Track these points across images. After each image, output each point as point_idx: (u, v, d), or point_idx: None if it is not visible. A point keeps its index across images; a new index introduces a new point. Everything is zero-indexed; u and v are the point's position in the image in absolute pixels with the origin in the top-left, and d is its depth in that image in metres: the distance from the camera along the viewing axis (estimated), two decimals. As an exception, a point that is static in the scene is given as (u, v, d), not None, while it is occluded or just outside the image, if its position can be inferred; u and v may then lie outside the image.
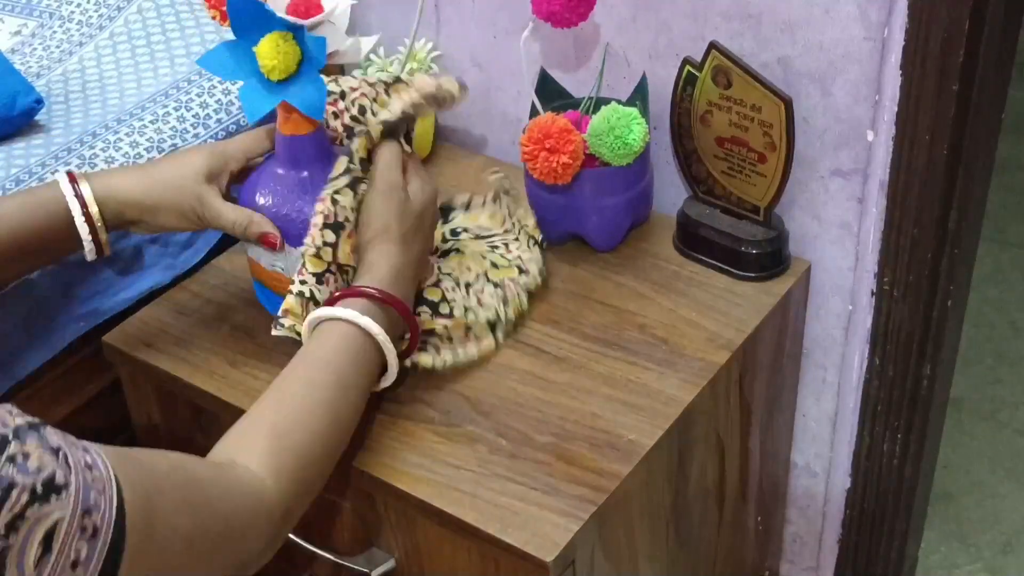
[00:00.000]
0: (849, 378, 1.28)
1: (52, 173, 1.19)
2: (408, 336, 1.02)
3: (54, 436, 0.68)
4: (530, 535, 0.93)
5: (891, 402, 1.25)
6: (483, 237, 1.19)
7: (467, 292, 1.11)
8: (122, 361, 1.16)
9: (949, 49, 1.02)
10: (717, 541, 1.25)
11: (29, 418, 0.68)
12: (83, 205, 1.00)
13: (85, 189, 1.01)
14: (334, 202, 1.01)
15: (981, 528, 1.73)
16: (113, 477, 0.68)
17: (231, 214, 1.04)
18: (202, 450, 1.17)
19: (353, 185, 1.03)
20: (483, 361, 1.09)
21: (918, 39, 1.03)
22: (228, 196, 1.07)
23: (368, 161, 1.04)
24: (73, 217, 1.00)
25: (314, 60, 0.99)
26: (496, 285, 1.13)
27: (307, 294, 1.01)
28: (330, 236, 1.01)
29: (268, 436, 0.86)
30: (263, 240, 1.05)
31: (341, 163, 1.03)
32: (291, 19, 0.99)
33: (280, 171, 1.07)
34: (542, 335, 1.12)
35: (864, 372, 1.26)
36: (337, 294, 0.98)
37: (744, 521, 1.31)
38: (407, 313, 0.99)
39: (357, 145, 1.03)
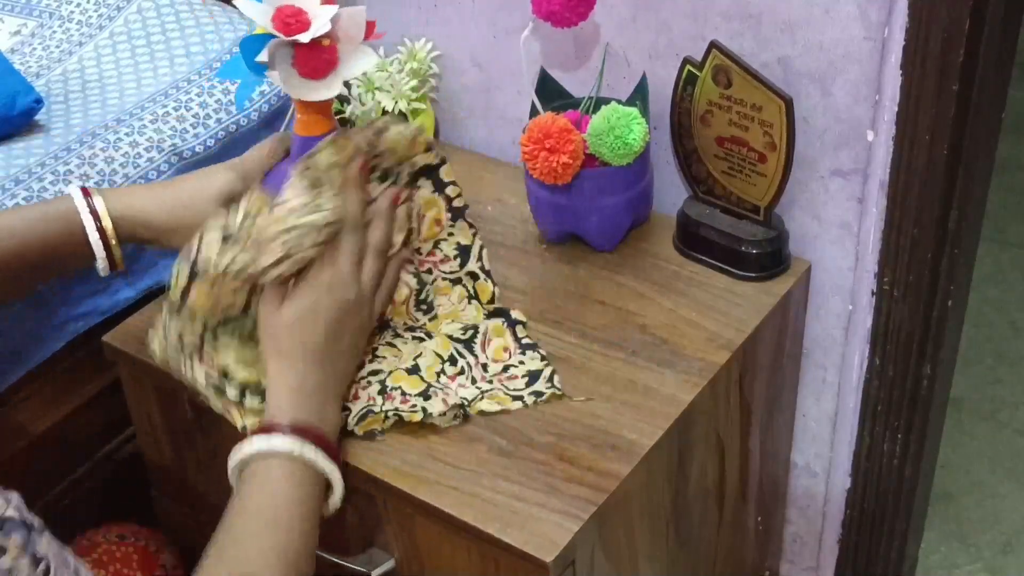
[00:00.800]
0: (849, 378, 1.28)
1: (52, 173, 1.19)
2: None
3: (47, 546, 0.64)
4: (530, 535, 0.93)
5: (891, 402, 1.25)
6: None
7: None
8: (122, 361, 1.16)
9: (949, 49, 1.02)
10: (717, 541, 1.25)
11: (28, 516, 0.64)
12: (97, 219, 1.00)
13: (99, 203, 1.00)
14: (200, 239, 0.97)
15: (981, 528, 1.73)
16: None
17: (246, 252, 1.02)
18: (200, 451, 1.17)
19: (225, 239, 0.96)
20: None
21: (918, 39, 1.03)
22: None
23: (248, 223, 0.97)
24: (87, 231, 0.99)
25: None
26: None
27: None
28: (184, 271, 0.97)
29: None
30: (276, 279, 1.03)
31: (305, 178, 0.96)
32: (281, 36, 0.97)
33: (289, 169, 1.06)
34: (542, 335, 1.12)
35: (864, 372, 1.25)
36: (254, 429, 0.93)
37: (744, 521, 1.31)
38: (328, 446, 0.93)
39: (328, 156, 0.97)
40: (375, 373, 1.04)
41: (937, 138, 1.06)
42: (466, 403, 1.02)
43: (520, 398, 1.04)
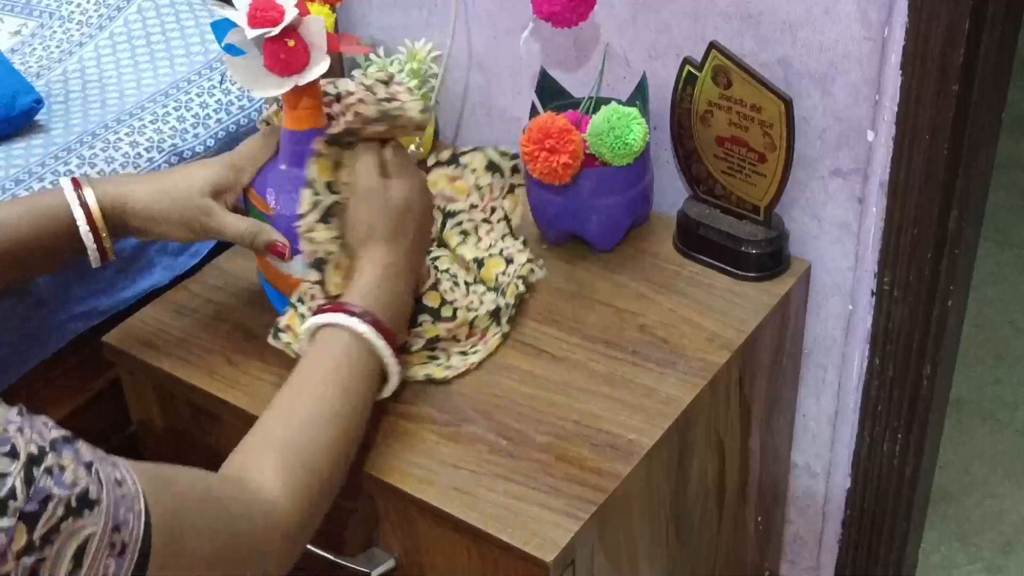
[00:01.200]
0: (849, 378, 1.28)
1: (52, 173, 1.19)
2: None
3: (87, 451, 0.67)
4: (530, 535, 0.93)
5: (891, 402, 1.25)
6: (450, 214, 1.17)
7: (466, 290, 1.11)
8: (122, 361, 1.16)
9: (949, 49, 1.02)
10: (717, 541, 1.25)
11: (64, 432, 0.67)
12: (87, 212, 1.00)
13: (89, 195, 1.00)
14: (310, 241, 1.01)
15: (981, 528, 1.73)
16: (141, 494, 0.69)
17: (239, 225, 1.04)
18: (202, 450, 1.17)
19: (325, 218, 1.01)
20: (489, 359, 1.09)
21: (918, 39, 1.03)
22: (237, 208, 1.07)
23: (334, 180, 1.03)
24: (77, 224, 1.00)
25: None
26: (489, 288, 1.13)
27: (306, 315, 1.01)
28: (314, 275, 1.02)
29: (278, 453, 0.86)
30: (271, 250, 1.05)
31: (306, 198, 1.02)
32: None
33: (283, 168, 1.06)
34: (542, 335, 1.12)
35: (864, 372, 1.25)
36: (329, 305, 0.97)
37: (744, 521, 1.31)
38: (390, 337, 0.97)
39: (314, 171, 1.02)
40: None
41: (937, 138, 1.06)
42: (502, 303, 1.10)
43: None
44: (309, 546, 1.07)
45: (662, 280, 1.19)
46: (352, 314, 0.94)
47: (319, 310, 0.97)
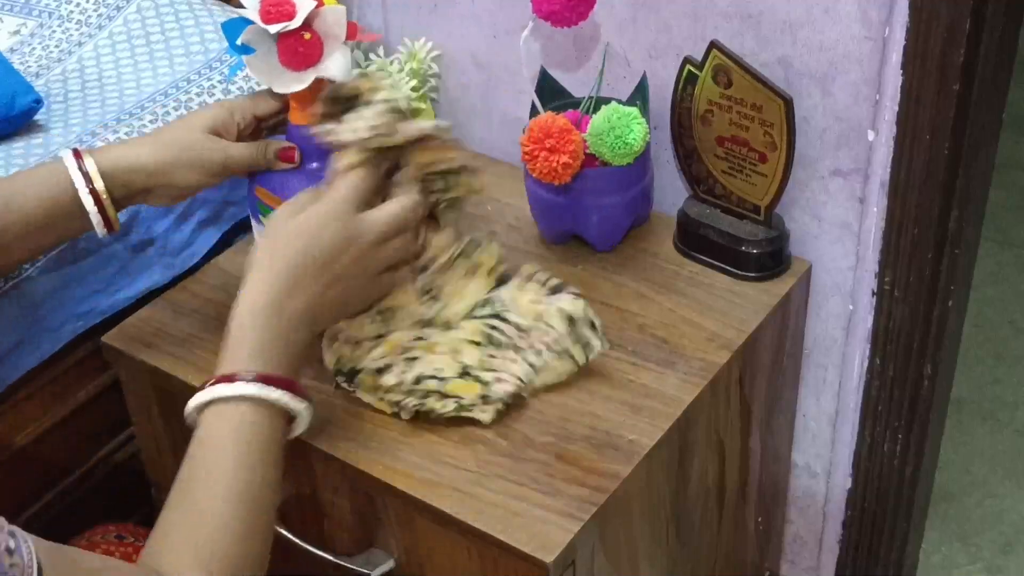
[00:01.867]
0: (849, 378, 1.27)
1: (51, 173, 1.18)
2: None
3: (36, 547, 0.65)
4: (530, 535, 0.93)
5: (891, 402, 1.25)
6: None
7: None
8: (122, 361, 1.16)
9: (949, 49, 1.02)
10: (717, 541, 1.25)
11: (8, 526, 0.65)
12: (88, 180, 0.99)
13: (89, 164, 0.99)
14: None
15: (982, 528, 1.73)
16: (36, 565, 0.66)
17: (246, 149, 1.03)
18: (202, 450, 1.17)
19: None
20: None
21: (919, 39, 1.03)
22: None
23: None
24: (79, 192, 0.99)
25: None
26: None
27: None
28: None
29: (190, 549, 0.80)
30: (283, 157, 1.03)
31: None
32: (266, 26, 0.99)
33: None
34: (542, 335, 1.12)
35: (864, 372, 1.25)
36: (214, 377, 0.87)
37: (744, 521, 1.31)
38: (283, 383, 0.88)
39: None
40: (418, 376, 1.00)
41: (937, 138, 1.06)
42: (522, 384, 1.01)
43: (568, 354, 1.03)
44: (309, 546, 1.07)
45: (662, 280, 1.18)
46: (232, 380, 0.85)
47: (201, 386, 0.87)
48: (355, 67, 1.36)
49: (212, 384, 0.86)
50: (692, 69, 1.14)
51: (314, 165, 1.06)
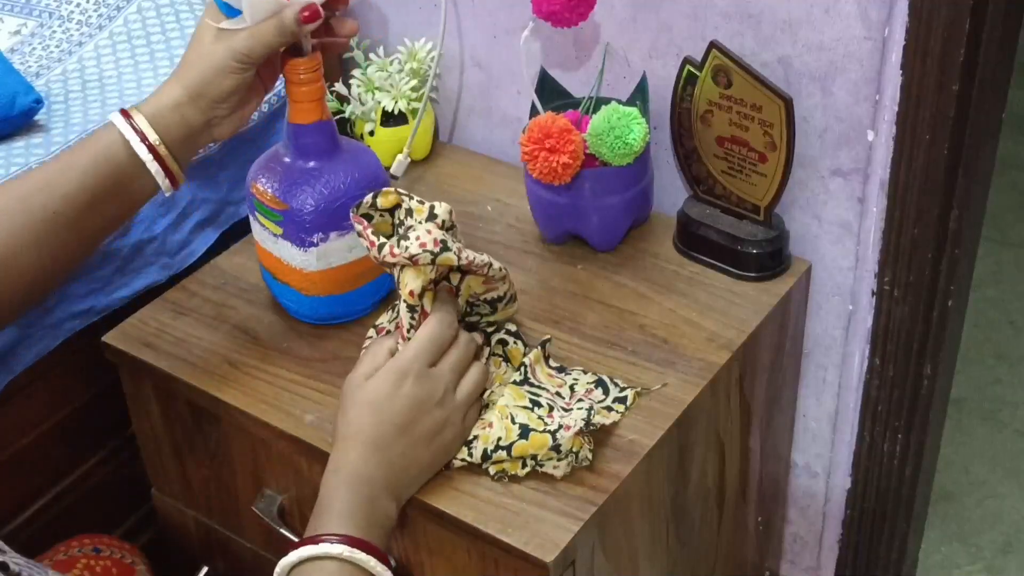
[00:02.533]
0: (849, 378, 1.27)
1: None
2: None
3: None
4: (530, 535, 0.93)
5: (891, 402, 1.25)
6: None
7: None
8: (122, 361, 1.16)
9: (949, 49, 1.02)
10: (717, 541, 1.25)
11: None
12: (143, 137, 0.96)
13: (140, 121, 0.97)
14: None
15: (981, 528, 1.73)
16: None
17: (265, 27, 0.95)
18: (200, 451, 1.17)
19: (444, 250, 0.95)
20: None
21: (919, 38, 1.03)
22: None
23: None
24: (136, 151, 0.96)
25: None
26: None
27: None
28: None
29: None
30: (304, 20, 0.96)
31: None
32: None
33: (287, 159, 1.06)
34: (542, 335, 1.12)
35: (864, 372, 1.25)
36: (304, 538, 0.89)
37: (744, 521, 1.31)
38: (375, 552, 0.88)
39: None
40: (483, 452, 0.98)
41: (937, 138, 1.06)
42: (584, 421, 0.97)
43: (612, 408, 1.02)
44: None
45: (662, 280, 1.18)
46: (317, 542, 0.87)
47: (291, 545, 0.89)
48: (355, 67, 1.36)
49: (300, 546, 0.87)
50: (692, 69, 1.14)
51: (312, 164, 1.06)
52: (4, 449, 1.18)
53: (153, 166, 0.97)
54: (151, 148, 0.97)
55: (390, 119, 1.34)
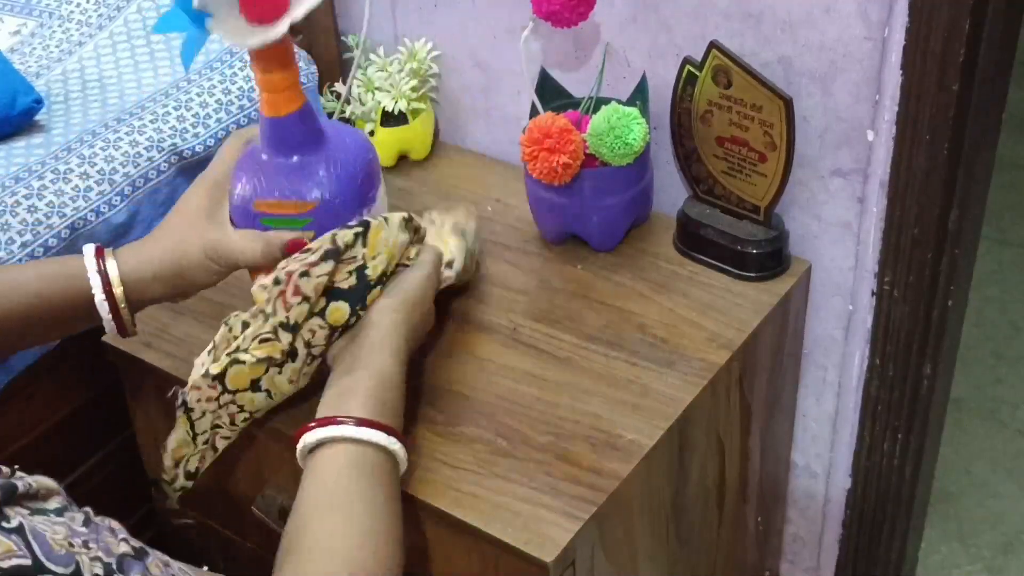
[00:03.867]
0: (849, 378, 1.28)
1: (52, 172, 1.18)
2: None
3: (158, 568, 0.66)
4: (530, 535, 0.93)
5: (891, 402, 1.25)
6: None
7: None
8: (122, 361, 1.16)
9: (949, 48, 1.02)
10: (717, 541, 1.25)
11: (134, 544, 0.66)
12: (106, 283, 0.97)
13: (111, 265, 0.97)
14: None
15: (981, 528, 1.73)
16: None
17: (253, 245, 0.99)
18: (202, 450, 1.17)
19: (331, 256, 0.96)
20: (489, 360, 1.09)
21: (918, 38, 1.03)
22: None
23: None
24: (93, 292, 0.96)
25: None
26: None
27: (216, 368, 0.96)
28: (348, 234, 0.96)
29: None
30: (292, 249, 0.98)
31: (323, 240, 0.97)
32: None
33: (264, 157, 1.01)
34: (542, 335, 1.12)
35: (864, 372, 1.25)
36: (319, 418, 0.91)
37: (744, 521, 1.31)
38: (392, 432, 0.92)
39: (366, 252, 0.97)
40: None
41: (937, 138, 1.06)
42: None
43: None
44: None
45: (662, 280, 1.19)
46: (346, 423, 0.90)
47: (304, 428, 0.91)
48: (356, 69, 1.36)
49: (317, 427, 0.90)
50: (692, 69, 1.14)
51: (294, 159, 1.00)
52: (4, 449, 1.18)
53: (106, 315, 0.98)
54: (110, 295, 0.97)
55: (390, 119, 1.34)
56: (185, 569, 0.68)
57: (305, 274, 0.95)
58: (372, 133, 1.34)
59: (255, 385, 0.98)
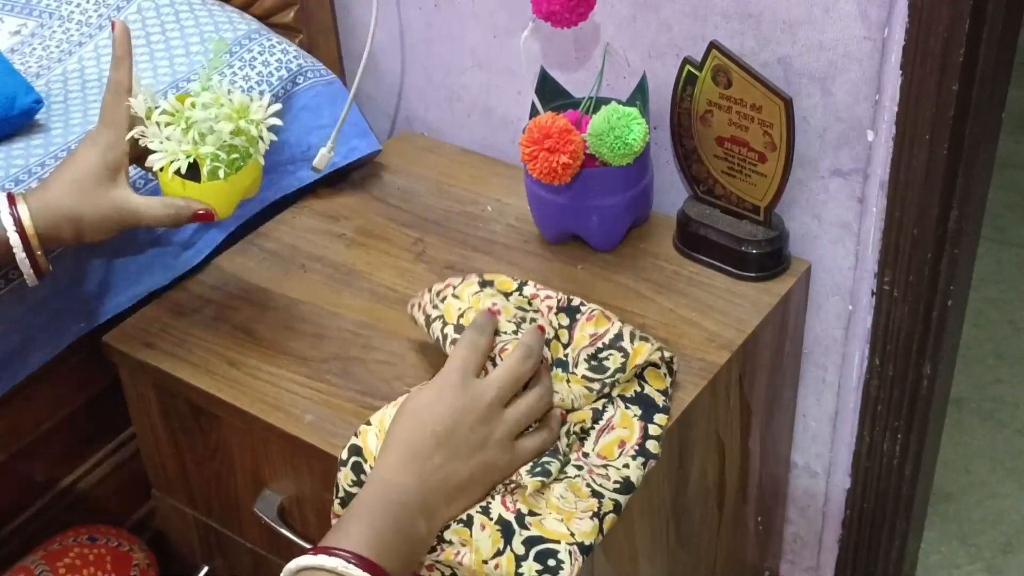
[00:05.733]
0: (849, 378, 1.28)
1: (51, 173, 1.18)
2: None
3: None
4: (530, 535, 0.92)
5: (891, 402, 1.25)
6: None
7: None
8: (122, 361, 1.16)
9: (949, 49, 1.02)
10: (717, 541, 1.25)
11: None
12: (20, 228, 0.98)
13: (23, 211, 0.99)
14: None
15: (981, 528, 1.73)
16: None
17: (159, 211, 1.01)
18: (200, 451, 1.17)
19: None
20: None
21: (918, 38, 1.03)
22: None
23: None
24: (10, 241, 0.98)
25: None
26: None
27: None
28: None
29: None
30: (201, 219, 1.02)
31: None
32: None
33: None
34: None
35: (864, 372, 1.25)
36: (315, 547, 0.83)
37: (744, 521, 1.31)
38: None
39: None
40: None
41: (937, 138, 1.06)
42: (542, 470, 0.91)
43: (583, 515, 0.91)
44: (308, 546, 1.07)
45: (662, 280, 1.19)
46: (335, 556, 0.80)
47: (302, 553, 0.83)
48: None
49: (311, 553, 0.82)
50: (692, 69, 1.14)
51: None
52: (4, 449, 1.18)
53: (21, 254, 0.99)
54: (24, 240, 0.98)
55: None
56: None
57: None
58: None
59: None
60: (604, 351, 0.95)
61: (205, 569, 1.22)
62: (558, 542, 0.87)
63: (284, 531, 1.10)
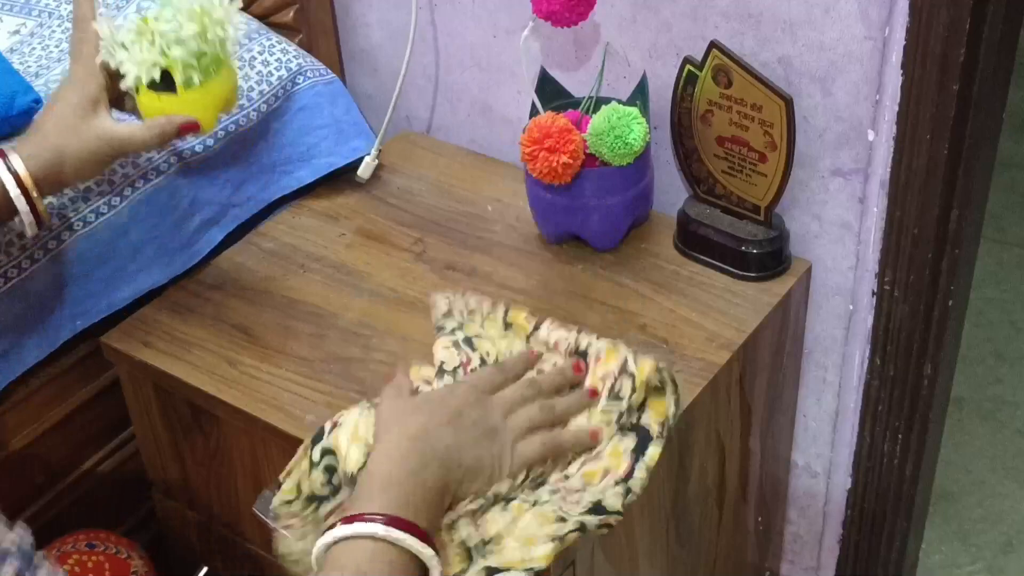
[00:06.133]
0: (850, 378, 1.27)
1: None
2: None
3: None
4: (530, 535, 0.92)
5: (891, 402, 1.25)
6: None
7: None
8: (121, 361, 1.16)
9: (950, 48, 1.02)
10: (717, 541, 1.25)
11: (27, 548, 0.64)
12: (18, 179, 0.99)
13: (17, 162, 0.99)
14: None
15: (982, 528, 1.73)
16: None
17: (139, 133, 1.02)
18: (200, 451, 1.17)
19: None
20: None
21: (919, 38, 1.03)
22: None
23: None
24: (9, 192, 0.98)
25: None
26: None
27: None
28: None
29: None
30: (185, 131, 1.02)
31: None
32: None
33: None
34: (542, 335, 1.12)
35: (865, 372, 1.25)
36: (343, 516, 0.82)
37: (744, 521, 1.31)
38: (417, 531, 0.81)
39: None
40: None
41: (937, 138, 1.06)
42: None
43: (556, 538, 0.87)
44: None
45: (662, 280, 1.18)
46: (369, 521, 0.80)
47: (329, 526, 0.82)
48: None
49: (347, 522, 0.81)
50: (692, 69, 1.14)
51: None
52: (4, 448, 1.18)
53: (24, 207, 0.99)
54: (23, 190, 0.99)
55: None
56: None
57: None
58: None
59: None
60: (616, 381, 0.95)
61: (205, 569, 1.22)
62: (509, 569, 0.87)
63: (284, 532, 1.10)
